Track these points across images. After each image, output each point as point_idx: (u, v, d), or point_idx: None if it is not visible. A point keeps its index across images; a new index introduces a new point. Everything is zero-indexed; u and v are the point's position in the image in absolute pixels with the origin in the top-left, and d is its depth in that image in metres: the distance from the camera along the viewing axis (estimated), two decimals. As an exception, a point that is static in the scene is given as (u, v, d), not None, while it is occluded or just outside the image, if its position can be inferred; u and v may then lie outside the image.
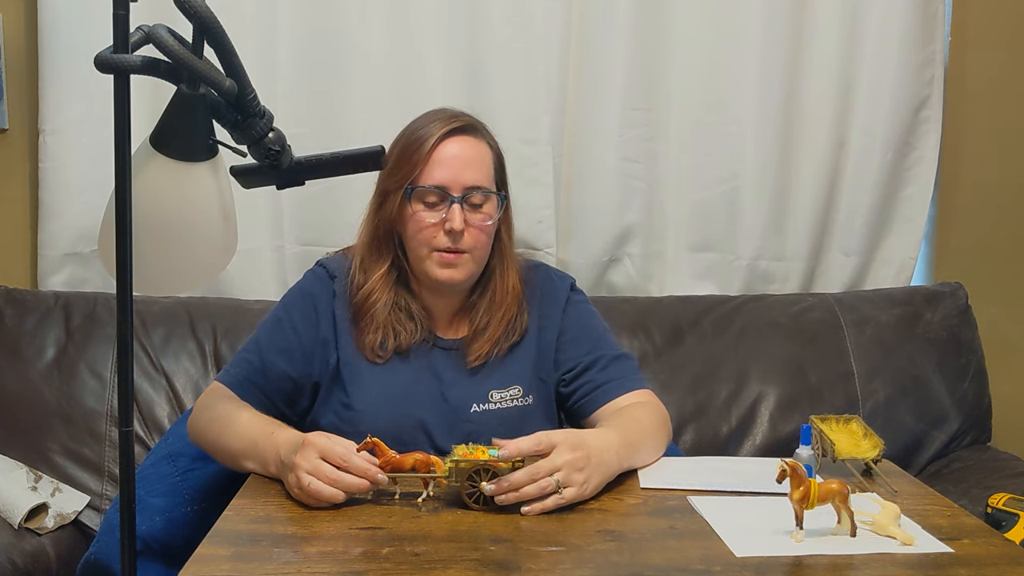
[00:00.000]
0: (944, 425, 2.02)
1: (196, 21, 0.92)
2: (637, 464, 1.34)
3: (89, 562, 1.46)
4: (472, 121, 1.47)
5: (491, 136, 1.49)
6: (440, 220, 1.40)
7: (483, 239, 1.43)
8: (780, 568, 1.02)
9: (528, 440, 1.18)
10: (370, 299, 1.44)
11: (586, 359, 1.50)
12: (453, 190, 1.40)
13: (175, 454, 1.53)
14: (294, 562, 1.02)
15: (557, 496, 1.17)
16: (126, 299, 0.93)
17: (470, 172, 1.41)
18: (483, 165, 1.44)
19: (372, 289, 1.44)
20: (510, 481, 1.15)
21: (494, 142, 1.49)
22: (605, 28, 2.09)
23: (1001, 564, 1.03)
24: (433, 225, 1.41)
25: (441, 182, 1.40)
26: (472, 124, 1.46)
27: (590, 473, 1.20)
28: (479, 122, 1.48)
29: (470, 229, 1.41)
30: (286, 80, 2.05)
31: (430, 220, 1.41)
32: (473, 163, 1.42)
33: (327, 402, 1.45)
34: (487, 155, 1.46)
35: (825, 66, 2.16)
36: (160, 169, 0.99)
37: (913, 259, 2.26)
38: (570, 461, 1.18)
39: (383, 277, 1.45)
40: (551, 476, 1.16)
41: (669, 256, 2.22)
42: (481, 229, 1.42)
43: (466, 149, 1.43)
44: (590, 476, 1.20)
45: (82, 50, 1.97)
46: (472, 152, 1.43)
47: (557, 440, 1.19)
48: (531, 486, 1.15)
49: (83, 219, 2.04)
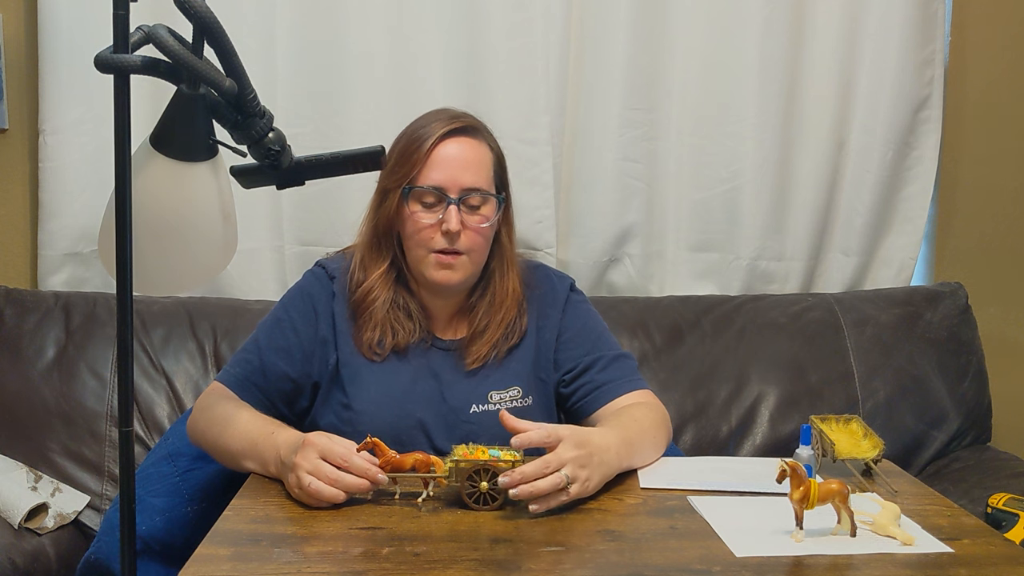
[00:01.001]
0: (944, 425, 2.02)
1: (196, 21, 0.92)
2: (637, 464, 1.34)
3: (89, 562, 1.46)
4: (472, 122, 1.46)
5: (492, 137, 1.49)
6: (437, 221, 1.40)
7: (480, 241, 1.43)
8: (780, 568, 1.02)
9: (538, 432, 1.18)
10: (369, 296, 1.44)
11: (586, 359, 1.50)
12: (451, 191, 1.40)
13: (175, 454, 1.53)
14: (294, 562, 1.02)
15: (562, 493, 1.16)
16: (126, 299, 0.93)
17: (468, 174, 1.41)
18: (482, 167, 1.43)
19: (371, 287, 1.44)
20: (523, 473, 1.14)
21: (495, 143, 1.49)
22: (605, 28, 2.09)
23: (1001, 564, 1.03)
24: (430, 226, 1.40)
25: (438, 183, 1.40)
26: (472, 125, 1.45)
27: (592, 471, 1.20)
28: (480, 123, 1.48)
29: (467, 231, 1.41)
30: (286, 80, 2.05)
31: (427, 221, 1.40)
32: (471, 165, 1.42)
33: (326, 402, 1.45)
34: (486, 157, 1.45)
35: (825, 66, 2.16)
36: (160, 169, 0.99)
37: (913, 259, 2.26)
38: (575, 457, 1.18)
39: (382, 275, 1.45)
40: (560, 471, 1.15)
41: (669, 256, 2.22)
42: (478, 231, 1.42)
43: (465, 150, 1.42)
44: (592, 474, 1.20)
45: (82, 50, 1.97)
46: (471, 154, 1.43)
47: (563, 435, 1.19)
48: (544, 481, 1.14)
49: (83, 219, 2.04)
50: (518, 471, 1.15)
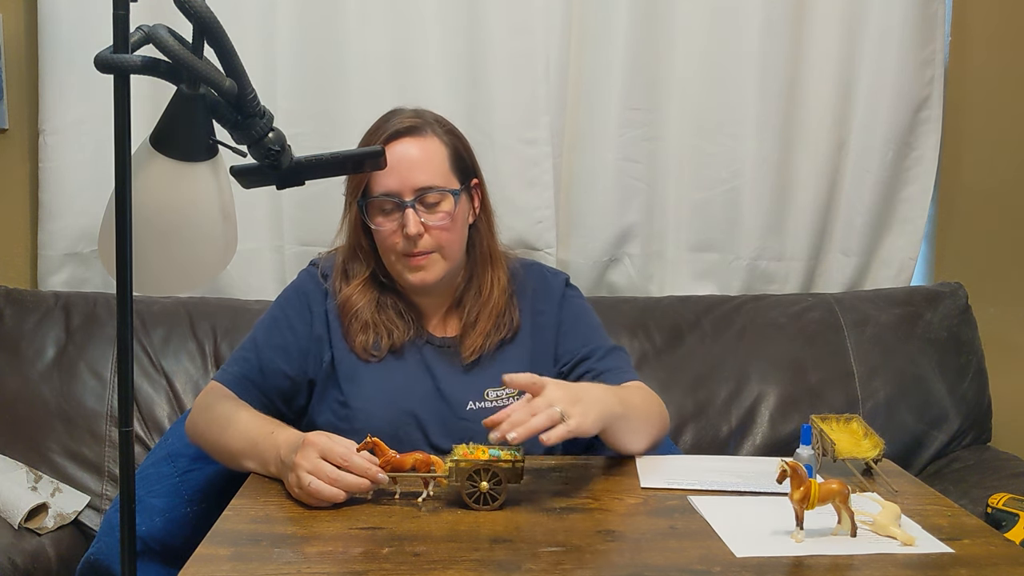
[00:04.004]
0: (944, 425, 2.02)
1: (196, 21, 0.92)
2: (631, 423, 1.33)
3: (89, 562, 1.46)
4: (417, 121, 1.43)
5: (444, 131, 1.45)
6: (399, 226, 1.40)
7: (446, 237, 1.42)
8: (780, 568, 1.02)
9: (524, 375, 1.20)
10: (349, 302, 1.44)
11: (582, 351, 1.50)
12: (404, 194, 1.39)
13: (175, 454, 1.53)
14: (294, 562, 1.02)
15: (564, 425, 1.16)
16: (126, 299, 0.93)
17: (418, 173, 1.39)
18: (432, 163, 1.41)
19: (351, 295, 1.45)
20: (510, 418, 1.14)
21: (448, 136, 1.45)
22: (605, 28, 2.09)
23: (1001, 564, 1.03)
24: (394, 232, 1.40)
25: (390, 188, 1.39)
26: (416, 125, 1.42)
27: (587, 406, 1.20)
28: (430, 118, 1.45)
29: (431, 230, 1.40)
30: (286, 80, 2.05)
31: (389, 227, 1.40)
32: (419, 163, 1.40)
33: (323, 400, 1.46)
34: (437, 151, 1.43)
35: (825, 66, 2.15)
36: (160, 169, 0.99)
37: (913, 259, 2.25)
38: (562, 396, 1.18)
39: (364, 282, 1.46)
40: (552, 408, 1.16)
41: (669, 256, 2.22)
42: (442, 228, 1.41)
43: (411, 150, 1.40)
44: (587, 409, 1.20)
45: (82, 50, 1.97)
46: (417, 153, 1.41)
47: (547, 380, 1.21)
48: (540, 416, 1.14)
49: (83, 219, 2.04)
50: (502, 413, 1.14)
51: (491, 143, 2.05)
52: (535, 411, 1.15)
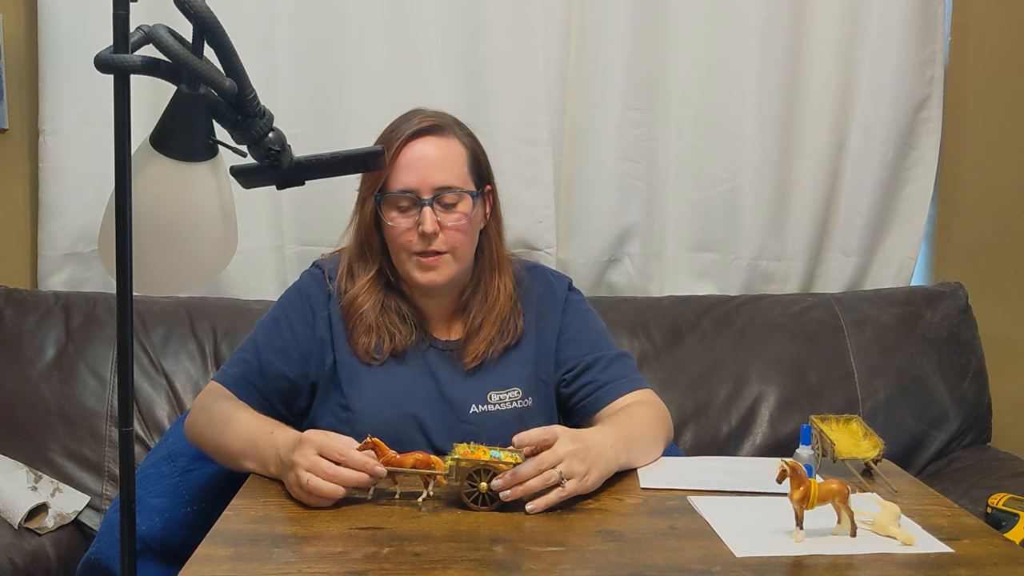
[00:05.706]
0: (944, 425, 2.02)
1: (196, 21, 0.92)
2: (636, 461, 1.34)
3: (89, 562, 1.46)
4: (440, 121, 1.44)
5: (464, 133, 1.46)
6: (414, 224, 1.39)
7: (460, 239, 1.42)
8: (780, 568, 1.02)
9: (536, 430, 1.20)
10: (355, 303, 1.44)
11: (586, 359, 1.50)
12: (423, 192, 1.39)
13: (175, 454, 1.53)
14: (294, 562, 1.02)
15: (559, 489, 1.17)
16: (126, 299, 0.93)
17: (438, 173, 1.40)
18: (452, 164, 1.42)
19: (357, 295, 1.44)
20: (516, 475, 1.15)
21: (468, 139, 1.46)
22: (605, 28, 2.09)
23: (1001, 564, 1.03)
24: (408, 230, 1.40)
25: (409, 185, 1.39)
26: (440, 124, 1.43)
27: (590, 465, 1.20)
28: (450, 120, 1.46)
29: (446, 230, 1.40)
30: (286, 80, 2.05)
31: (404, 225, 1.40)
32: (440, 163, 1.40)
33: (325, 403, 1.45)
34: (458, 153, 1.43)
35: (825, 66, 2.16)
36: (160, 169, 0.99)
37: (913, 259, 2.25)
38: (572, 452, 1.18)
39: (370, 282, 1.45)
40: (554, 468, 1.17)
41: (669, 256, 2.22)
42: (457, 229, 1.41)
43: (432, 150, 1.41)
44: (591, 468, 1.20)
45: (82, 50, 1.97)
46: (439, 152, 1.41)
47: (559, 431, 1.20)
48: (535, 479, 1.16)
49: (83, 219, 2.04)
50: (511, 472, 1.16)
51: (491, 143, 2.03)
52: (540, 468, 1.16)
